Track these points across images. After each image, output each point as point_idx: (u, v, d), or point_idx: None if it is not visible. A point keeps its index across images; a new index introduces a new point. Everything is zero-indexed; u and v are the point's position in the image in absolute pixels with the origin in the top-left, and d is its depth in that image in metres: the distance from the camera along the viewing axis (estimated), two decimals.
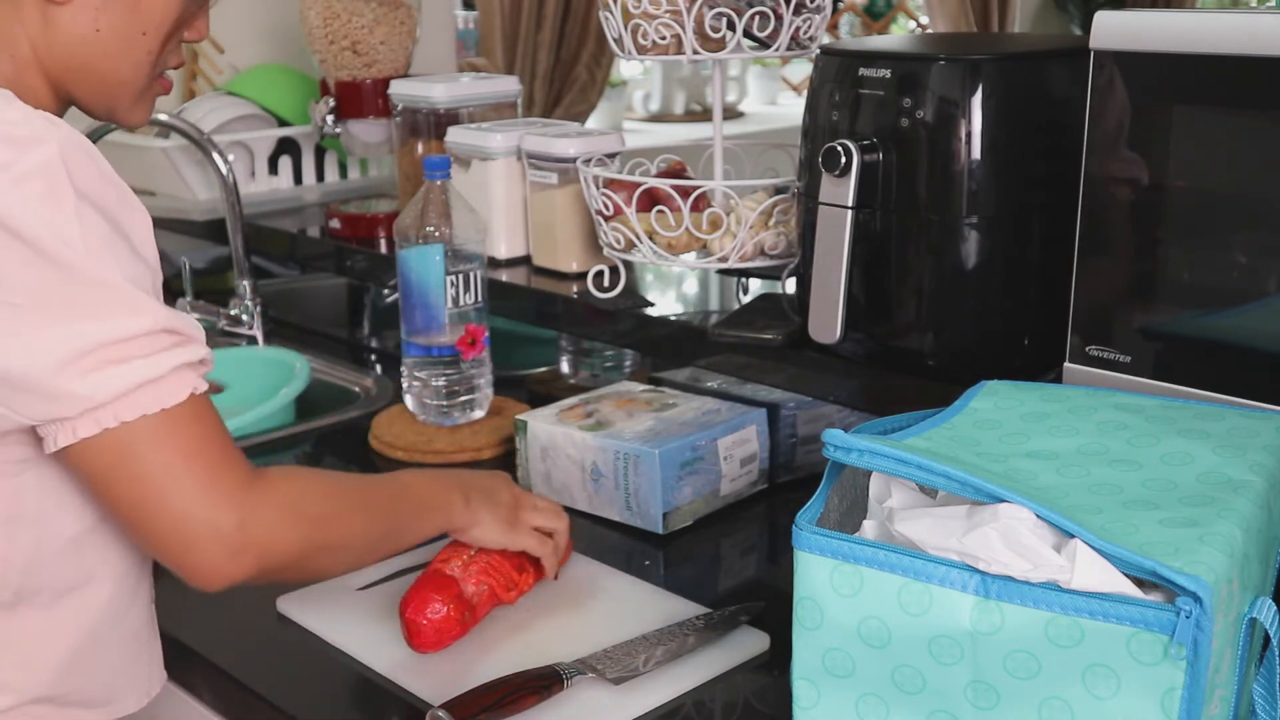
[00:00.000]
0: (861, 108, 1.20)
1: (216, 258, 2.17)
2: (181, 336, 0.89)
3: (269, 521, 0.90)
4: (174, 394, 0.87)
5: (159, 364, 0.87)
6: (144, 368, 0.86)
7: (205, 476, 0.88)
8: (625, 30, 1.45)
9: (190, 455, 0.88)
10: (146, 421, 0.86)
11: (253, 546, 0.89)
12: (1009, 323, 1.20)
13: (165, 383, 0.87)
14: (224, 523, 0.88)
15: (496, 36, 3.66)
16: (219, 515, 0.88)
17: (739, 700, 1.05)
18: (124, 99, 1.00)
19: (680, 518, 1.33)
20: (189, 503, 0.87)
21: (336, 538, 0.97)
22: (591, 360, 1.80)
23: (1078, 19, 4.86)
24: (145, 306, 0.87)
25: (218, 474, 0.88)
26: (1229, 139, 0.98)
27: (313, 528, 0.94)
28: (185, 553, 0.89)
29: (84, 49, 0.96)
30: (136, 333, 0.86)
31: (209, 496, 0.88)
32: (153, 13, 0.97)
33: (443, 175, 1.49)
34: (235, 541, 0.88)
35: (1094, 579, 0.74)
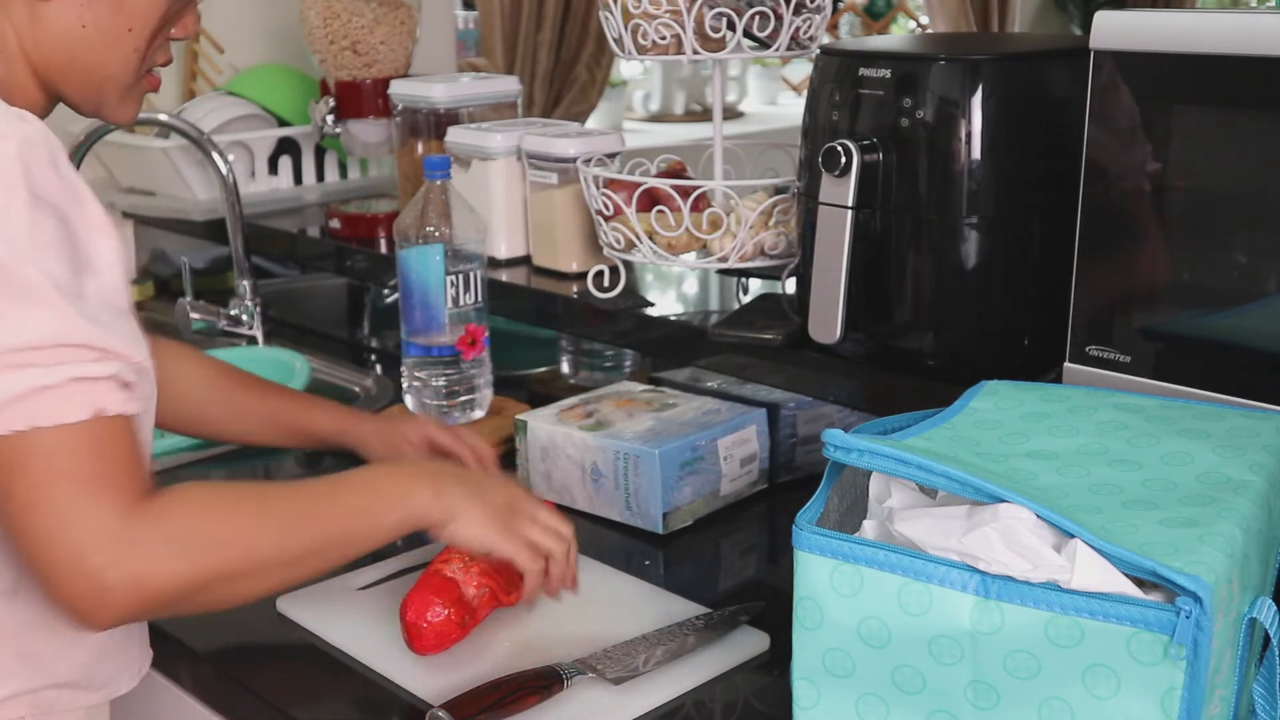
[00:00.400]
0: (861, 108, 1.20)
1: (216, 258, 2.17)
2: (103, 352, 0.85)
3: (148, 557, 0.84)
4: (73, 409, 0.83)
5: (58, 374, 0.83)
6: (41, 375, 0.82)
7: (86, 503, 0.83)
8: (625, 30, 1.45)
9: (77, 478, 0.83)
10: (38, 434, 0.82)
11: (128, 586, 0.84)
12: (1009, 323, 1.20)
13: (62, 393, 0.83)
14: (95, 561, 0.83)
15: (496, 36, 3.66)
16: (91, 551, 0.83)
17: (739, 700, 1.05)
18: (111, 95, 1.00)
19: (680, 518, 1.33)
20: (63, 532, 0.83)
21: (244, 562, 0.90)
22: (591, 360, 1.80)
23: (1078, 19, 4.86)
24: (66, 317, 0.83)
25: (101, 502, 0.83)
26: (1229, 139, 0.98)
27: (206, 556, 0.87)
28: (54, 586, 0.84)
29: (70, 45, 0.96)
30: (46, 341, 0.82)
31: (84, 527, 0.83)
32: (138, 9, 0.97)
33: (443, 175, 1.49)
34: (106, 580, 0.83)
35: (1094, 579, 0.74)
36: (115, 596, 0.84)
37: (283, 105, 2.18)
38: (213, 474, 1.52)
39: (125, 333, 0.88)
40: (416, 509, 0.99)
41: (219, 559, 0.89)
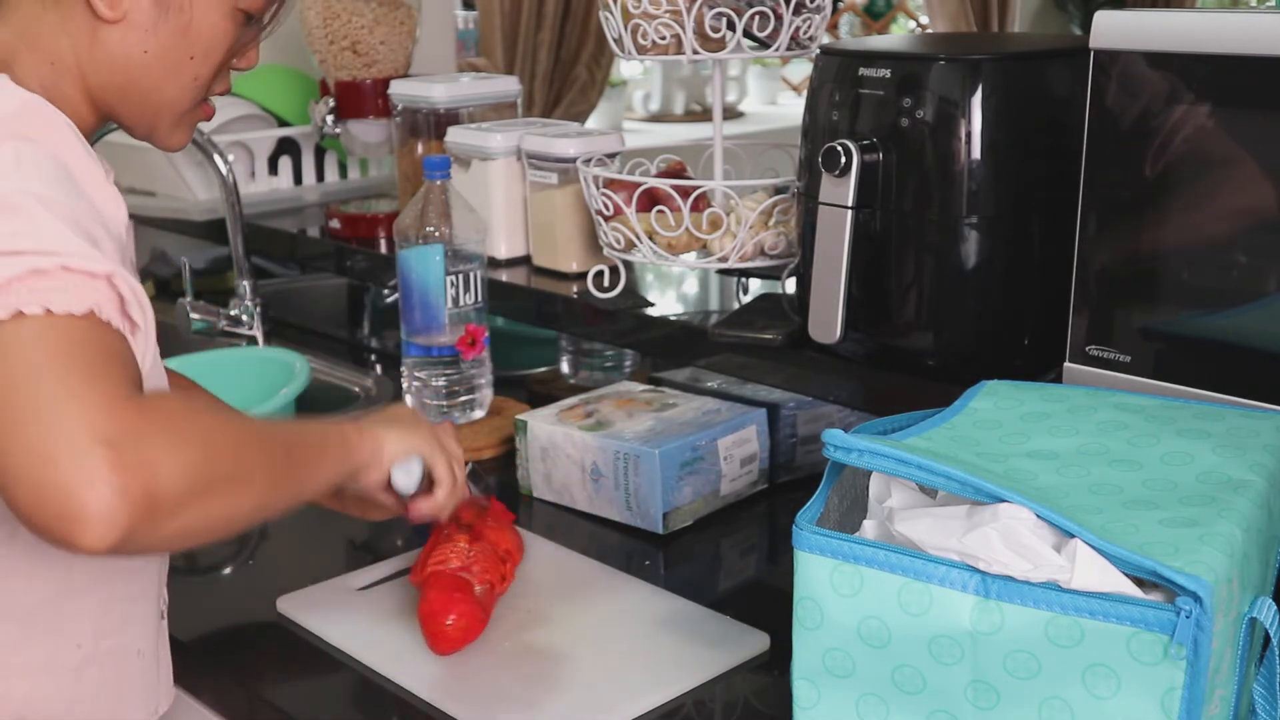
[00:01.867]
0: (861, 108, 1.20)
1: (216, 258, 2.17)
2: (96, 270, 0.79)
3: (151, 443, 0.75)
4: (64, 299, 0.77)
5: (50, 260, 0.77)
6: (32, 260, 0.77)
7: (78, 389, 0.75)
8: (625, 30, 1.45)
9: (69, 367, 0.75)
10: (24, 321, 0.76)
11: (131, 476, 0.73)
12: (1009, 323, 1.20)
13: (53, 280, 0.77)
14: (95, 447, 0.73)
15: (496, 36, 3.66)
16: (89, 436, 0.73)
17: (739, 700, 1.05)
18: (165, 121, 1.00)
19: (680, 518, 1.33)
20: (56, 419, 0.73)
21: (235, 465, 0.82)
22: (591, 360, 1.80)
23: (1078, 19, 4.86)
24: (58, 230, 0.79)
25: (94, 388, 0.75)
26: (1229, 139, 0.98)
27: (205, 448, 0.79)
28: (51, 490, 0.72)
29: (130, 69, 0.96)
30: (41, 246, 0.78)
31: (80, 413, 0.74)
32: (202, 39, 0.97)
33: (443, 175, 1.49)
34: (107, 473, 0.72)
35: (1094, 579, 0.74)
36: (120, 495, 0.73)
37: (283, 105, 2.18)
38: None
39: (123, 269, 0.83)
40: (349, 446, 0.98)
41: (215, 455, 0.80)
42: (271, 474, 0.86)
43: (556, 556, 1.26)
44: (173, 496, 0.76)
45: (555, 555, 1.27)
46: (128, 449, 0.74)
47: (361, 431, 1.00)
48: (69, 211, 0.82)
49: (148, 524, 0.74)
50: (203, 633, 1.15)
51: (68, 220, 0.81)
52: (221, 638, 1.15)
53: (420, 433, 1.05)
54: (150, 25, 0.95)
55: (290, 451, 0.90)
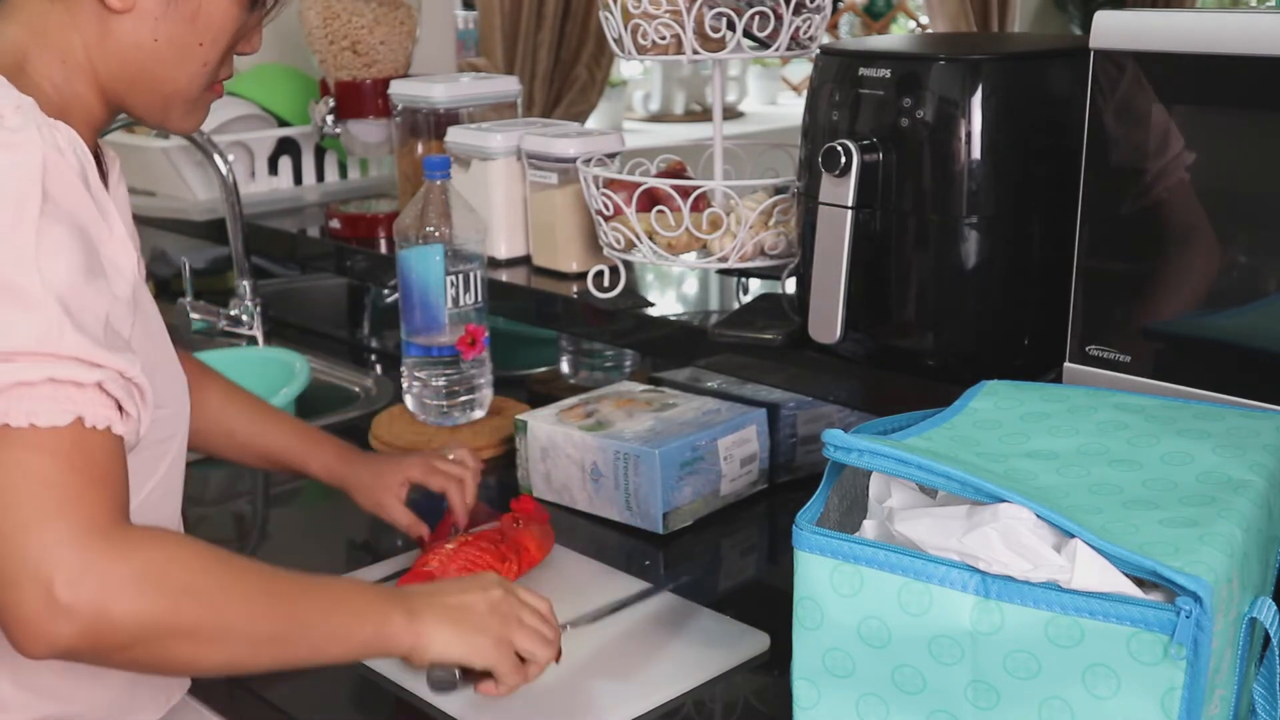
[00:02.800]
0: (861, 108, 1.20)
1: (216, 258, 2.17)
2: (91, 366, 0.81)
3: (110, 584, 0.77)
4: (49, 412, 0.79)
5: (37, 371, 0.79)
6: (20, 370, 0.78)
7: (53, 512, 0.77)
8: (625, 30, 1.45)
9: (48, 484, 0.77)
10: (10, 433, 0.78)
11: (80, 609, 0.76)
12: (1009, 323, 1.20)
13: (40, 393, 0.79)
14: (54, 574, 0.76)
15: (496, 36, 3.66)
16: (51, 564, 0.76)
17: (739, 700, 1.05)
18: (177, 108, 1.00)
19: (680, 518, 1.33)
20: (23, 537, 0.76)
21: (202, 623, 0.81)
22: (591, 360, 1.80)
23: (1078, 19, 4.86)
24: (54, 323, 0.79)
25: (69, 513, 0.77)
26: (1229, 139, 0.98)
27: (170, 603, 0.80)
28: (5, 595, 0.76)
29: (140, 58, 0.96)
30: (34, 348, 0.79)
31: (47, 535, 0.76)
32: (211, 25, 0.97)
33: (443, 175, 1.49)
34: (60, 597, 0.76)
35: (1094, 579, 0.74)
36: (67, 619, 0.76)
37: (283, 105, 2.18)
38: (211, 475, 1.52)
39: (122, 347, 0.84)
40: (386, 632, 0.91)
41: (186, 612, 0.81)
42: (257, 634, 0.85)
43: (556, 556, 1.26)
44: (121, 636, 0.78)
45: (555, 555, 1.27)
46: (85, 585, 0.76)
47: (411, 619, 0.92)
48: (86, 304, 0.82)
49: (91, 652, 0.79)
50: None
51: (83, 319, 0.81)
52: None
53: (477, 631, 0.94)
54: (159, 14, 0.95)
55: (296, 612, 0.87)
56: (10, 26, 0.94)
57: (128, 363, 0.83)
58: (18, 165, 0.83)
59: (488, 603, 0.96)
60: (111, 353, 0.82)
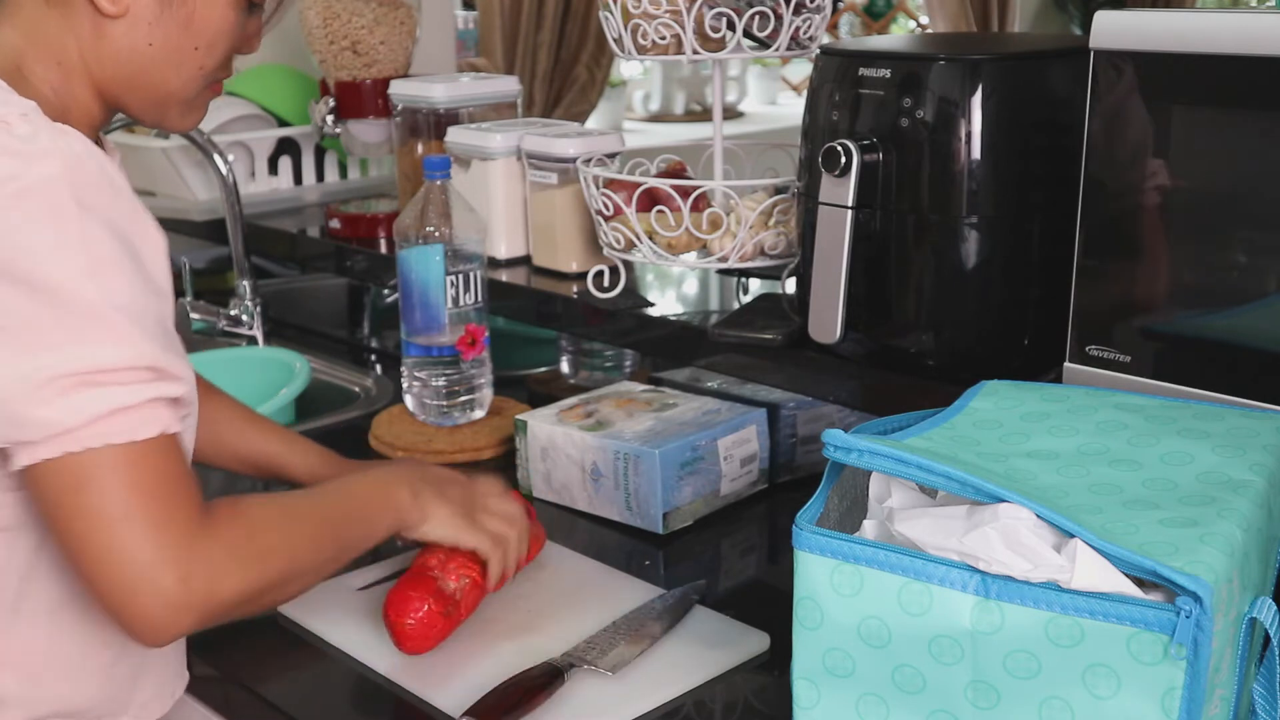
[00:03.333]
0: (861, 108, 1.20)
1: (216, 258, 2.17)
2: (162, 373, 0.87)
3: (215, 571, 0.87)
4: (144, 427, 0.85)
5: (134, 394, 0.85)
6: (119, 395, 0.84)
7: (157, 520, 0.85)
8: (625, 30, 1.45)
9: (147, 494, 0.85)
10: (111, 451, 0.84)
11: (196, 600, 0.86)
12: (1009, 323, 1.20)
13: (137, 413, 0.85)
14: (168, 577, 0.85)
15: (496, 36, 3.66)
16: (163, 567, 0.85)
17: (739, 700, 1.05)
18: (174, 109, 1.00)
19: (680, 518, 1.33)
20: (135, 549, 0.85)
21: (288, 570, 0.94)
22: (591, 360, 1.80)
23: (1078, 19, 4.86)
24: (131, 339, 0.85)
25: (170, 519, 0.86)
26: (1229, 139, 0.98)
27: (263, 566, 0.92)
28: (127, 602, 0.86)
29: (136, 61, 0.96)
30: (117, 365, 0.84)
31: (156, 544, 0.85)
32: (206, 30, 0.97)
33: (443, 175, 1.49)
34: (178, 597, 0.86)
35: (1094, 579, 0.74)
36: (185, 611, 0.86)
37: (283, 105, 2.18)
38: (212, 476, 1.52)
39: (179, 354, 0.89)
40: (403, 513, 1.07)
41: (276, 567, 0.93)
42: (322, 561, 0.99)
43: (556, 556, 1.26)
44: (230, 607, 0.90)
45: (555, 555, 1.27)
46: (195, 577, 0.86)
47: (416, 499, 1.08)
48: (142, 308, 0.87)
49: (208, 623, 0.89)
50: (203, 633, 1.14)
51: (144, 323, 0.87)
52: (221, 638, 1.15)
53: (463, 516, 1.10)
54: (153, 19, 0.95)
55: (341, 532, 1.01)
56: (6, 30, 0.94)
57: (186, 366, 0.90)
58: (46, 179, 0.84)
59: (462, 490, 1.13)
60: (178, 359, 0.88)
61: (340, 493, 1.06)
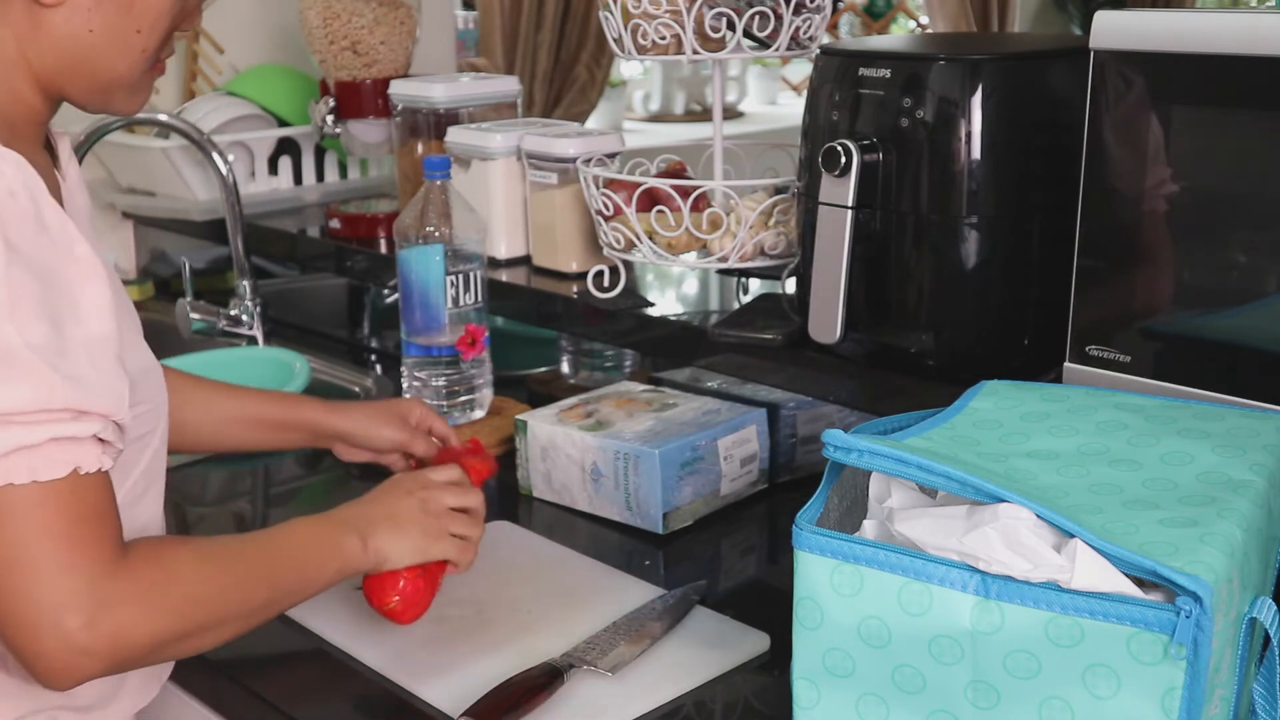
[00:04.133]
0: (861, 108, 1.20)
1: (216, 258, 2.17)
2: (82, 414, 0.85)
3: (123, 617, 0.85)
4: (50, 467, 0.83)
5: (39, 433, 0.83)
6: (21, 435, 0.82)
7: (63, 564, 0.83)
8: (625, 30, 1.45)
9: (54, 536, 0.83)
10: (13, 492, 0.82)
11: (101, 646, 0.84)
12: (1009, 323, 1.20)
13: (41, 453, 0.83)
14: (71, 621, 0.83)
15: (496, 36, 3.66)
16: (66, 612, 0.83)
17: (739, 700, 1.05)
18: (119, 93, 0.98)
19: (680, 518, 1.33)
20: (38, 592, 0.83)
21: (206, 619, 0.92)
22: (591, 360, 1.80)
23: (1078, 19, 4.86)
24: (47, 381, 0.82)
25: (77, 562, 0.84)
26: (1229, 139, 0.98)
27: (177, 615, 0.89)
28: (25, 644, 0.84)
29: (76, 49, 0.94)
30: (26, 407, 0.82)
31: (60, 589, 0.83)
32: (148, 11, 0.95)
33: (443, 175, 1.49)
34: (81, 642, 0.84)
35: (1094, 579, 0.74)
36: (88, 656, 0.84)
37: (283, 105, 2.18)
38: (211, 475, 1.52)
39: (109, 386, 0.87)
40: (353, 560, 1.04)
41: (192, 617, 0.90)
42: (251, 609, 0.96)
43: (557, 556, 1.26)
44: (138, 654, 0.87)
45: (555, 555, 1.27)
46: (101, 623, 0.84)
47: (365, 545, 1.04)
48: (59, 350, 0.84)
49: (113, 671, 0.87)
50: None
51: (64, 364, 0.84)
52: None
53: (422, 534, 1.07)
54: (92, 4, 0.93)
55: (278, 581, 0.98)
56: None
57: (116, 401, 0.87)
58: None
59: (418, 505, 1.08)
60: (101, 395, 0.86)
61: (280, 539, 1.01)
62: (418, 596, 1.07)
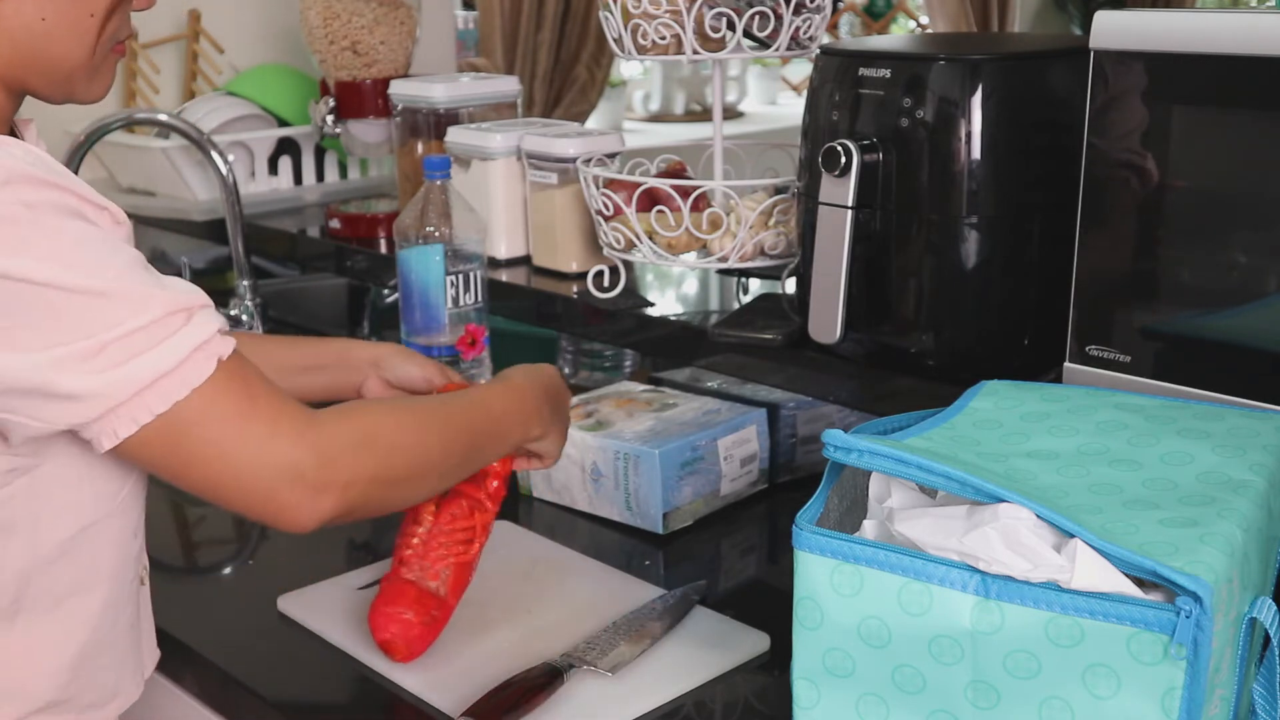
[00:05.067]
0: (861, 108, 1.20)
1: (216, 258, 2.17)
2: (188, 311, 0.87)
3: (345, 456, 0.90)
4: (199, 372, 0.86)
5: (173, 351, 0.85)
6: (157, 359, 0.84)
7: (266, 427, 0.87)
8: (625, 30, 1.45)
9: (242, 415, 0.87)
10: (183, 405, 0.85)
11: (334, 481, 0.89)
12: (1009, 323, 1.20)
13: (186, 366, 0.85)
14: (300, 462, 0.88)
15: (496, 36, 3.66)
16: (292, 457, 0.88)
17: (739, 700, 1.05)
18: (79, 80, 0.96)
19: (680, 518, 1.33)
20: (259, 456, 0.87)
21: (410, 467, 0.96)
22: (591, 360, 1.80)
23: (1078, 19, 4.86)
24: (142, 296, 0.84)
25: (277, 421, 0.88)
26: (1229, 139, 0.98)
27: (385, 458, 0.93)
28: (270, 502, 0.88)
29: (31, 40, 0.92)
30: (142, 324, 0.84)
31: (276, 443, 0.87)
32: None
33: (443, 175, 1.49)
34: (316, 478, 0.88)
35: (1094, 579, 0.74)
36: (327, 493, 0.89)
37: (283, 105, 2.18)
38: None
39: (182, 284, 0.89)
40: (530, 428, 1.09)
41: (395, 463, 0.94)
42: (451, 466, 1.01)
43: (557, 556, 1.26)
44: (364, 492, 0.91)
45: (555, 555, 1.27)
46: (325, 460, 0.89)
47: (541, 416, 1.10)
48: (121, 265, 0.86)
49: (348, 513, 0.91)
50: (203, 632, 1.15)
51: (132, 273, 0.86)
52: (221, 638, 1.15)
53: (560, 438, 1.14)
54: None
55: (474, 440, 1.03)
56: None
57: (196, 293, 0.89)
58: None
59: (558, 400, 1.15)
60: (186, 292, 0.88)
61: (475, 402, 1.07)
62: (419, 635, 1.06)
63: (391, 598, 1.07)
